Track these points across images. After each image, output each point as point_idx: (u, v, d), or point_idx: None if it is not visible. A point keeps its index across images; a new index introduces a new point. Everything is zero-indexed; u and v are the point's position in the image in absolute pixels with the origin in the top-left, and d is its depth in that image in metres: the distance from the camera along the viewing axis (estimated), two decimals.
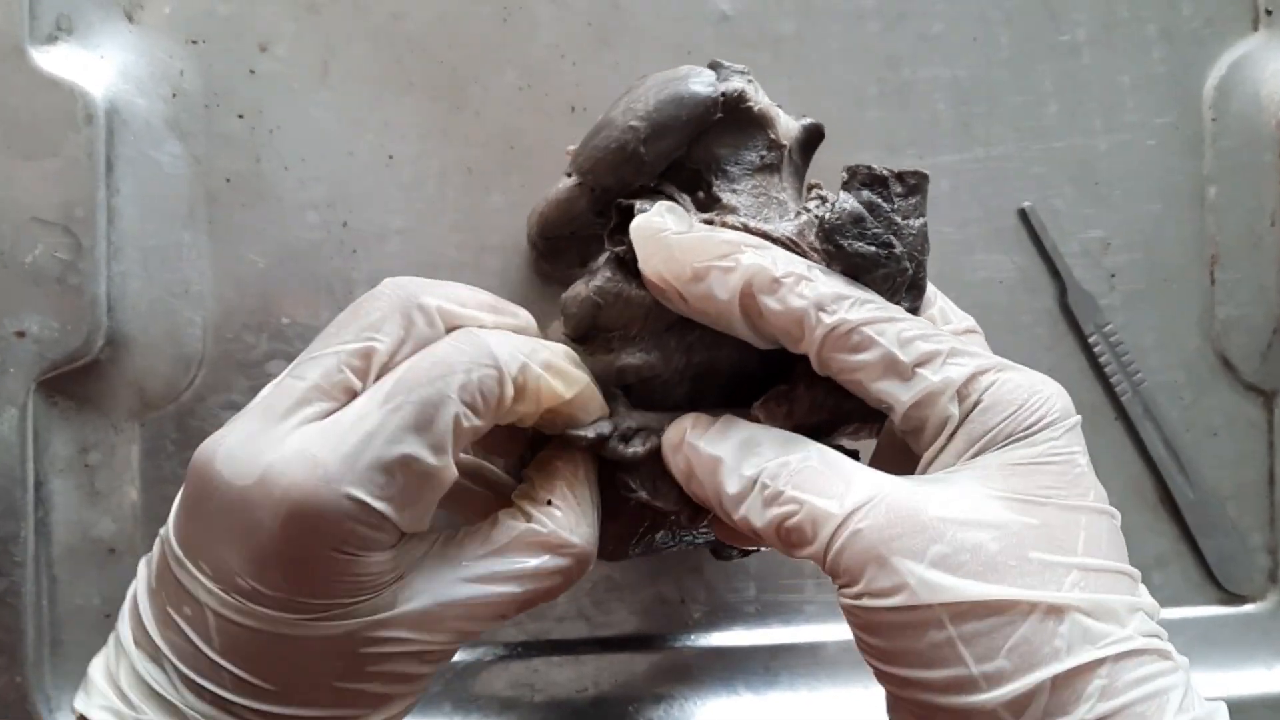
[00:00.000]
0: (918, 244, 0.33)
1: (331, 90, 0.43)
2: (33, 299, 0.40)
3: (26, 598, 0.41)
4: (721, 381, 0.35)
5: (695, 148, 0.35)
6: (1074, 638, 0.27)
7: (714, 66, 0.36)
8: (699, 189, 0.36)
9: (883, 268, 0.32)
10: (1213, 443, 0.48)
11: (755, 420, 0.33)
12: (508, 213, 0.44)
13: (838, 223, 0.32)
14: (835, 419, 0.34)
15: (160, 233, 0.42)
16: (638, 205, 0.34)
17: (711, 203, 0.35)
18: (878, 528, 0.28)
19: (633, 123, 0.34)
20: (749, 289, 0.31)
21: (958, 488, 0.29)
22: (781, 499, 0.30)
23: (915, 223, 0.33)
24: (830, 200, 0.32)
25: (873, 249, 0.32)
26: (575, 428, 0.33)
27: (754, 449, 0.31)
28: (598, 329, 0.35)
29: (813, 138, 0.37)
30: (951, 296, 0.36)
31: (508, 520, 0.32)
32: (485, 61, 0.44)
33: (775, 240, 0.32)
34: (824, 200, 0.33)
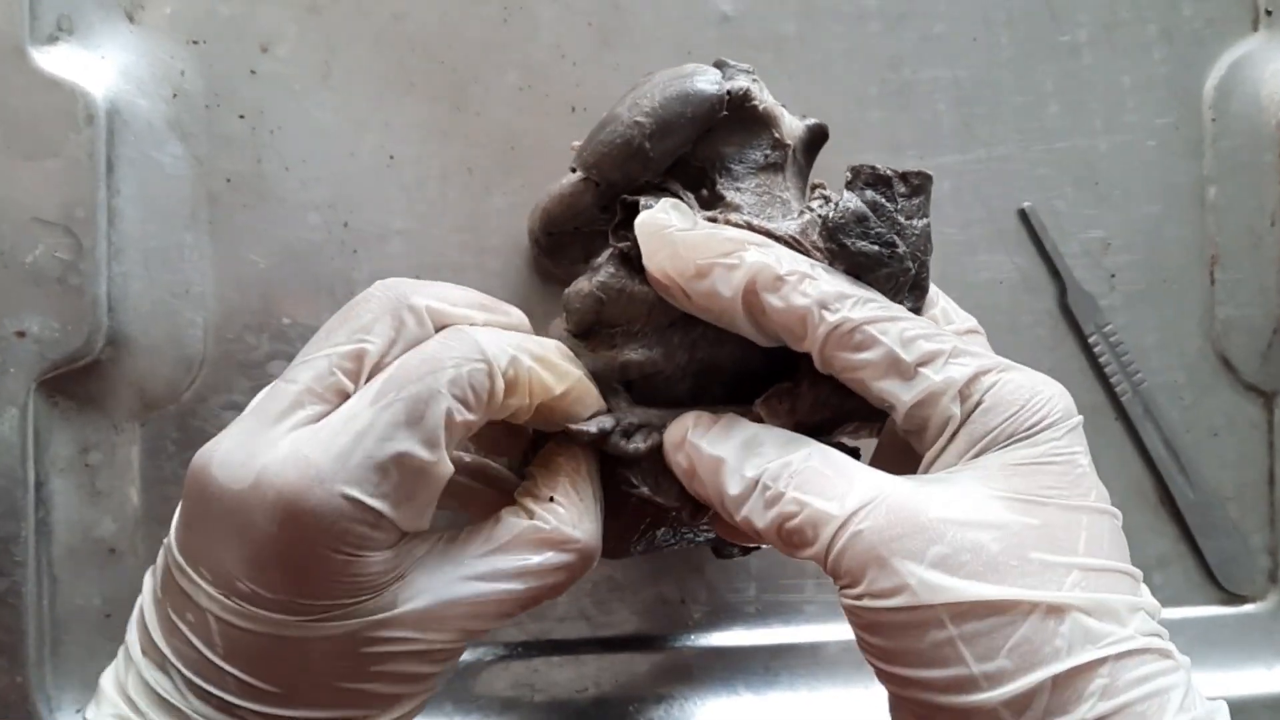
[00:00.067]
0: (921, 244, 0.33)
1: (333, 91, 0.43)
2: (33, 299, 0.40)
3: (27, 598, 0.41)
4: (724, 378, 0.35)
5: (700, 145, 0.35)
6: (1075, 637, 0.27)
7: (720, 65, 0.36)
8: (703, 186, 0.36)
9: (886, 267, 0.32)
10: (1213, 443, 0.49)
11: (757, 417, 0.33)
12: (509, 213, 0.44)
13: (841, 222, 0.32)
14: (837, 417, 0.34)
15: (161, 233, 0.42)
16: (642, 201, 0.34)
17: (716, 200, 0.35)
18: (878, 529, 0.28)
19: (638, 119, 0.34)
20: (752, 286, 0.31)
21: (959, 488, 0.29)
22: (783, 500, 0.30)
23: (918, 223, 0.33)
24: (834, 199, 0.32)
25: (876, 248, 0.32)
26: (574, 423, 0.33)
27: (756, 449, 0.31)
28: (600, 325, 0.35)
29: (817, 138, 0.37)
30: (953, 297, 0.36)
31: (510, 517, 0.32)
32: (486, 62, 0.44)
33: (779, 239, 0.32)
34: (827, 199, 0.33)
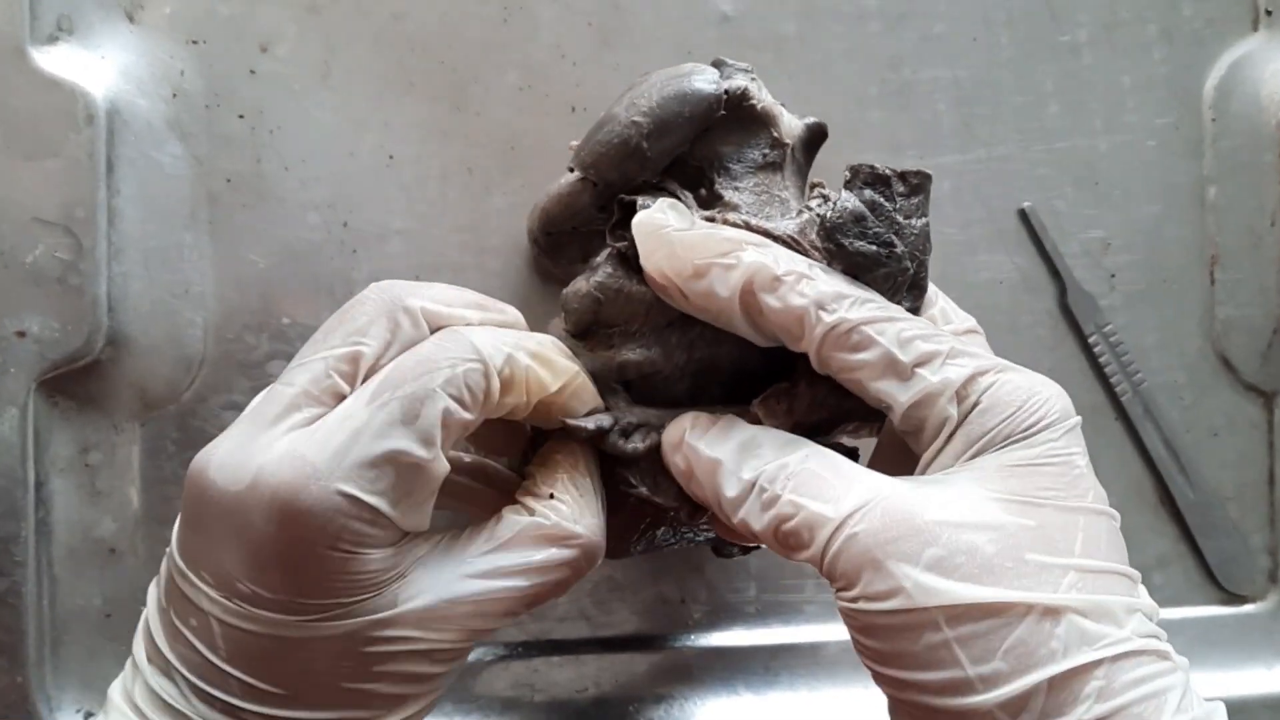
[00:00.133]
0: (919, 244, 0.33)
1: (332, 91, 0.43)
2: (33, 299, 0.40)
3: (27, 598, 0.41)
4: (722, 378, 0.35)
5: (698, 145, 0.35)
6: (1071, 639, 0.27)
7: (718, 64, 0.36)
8: (701, 186, 0.35)
9: (884, 267, 0.32)
10: (1213, 443, 0.48)
11: (755, 417, 0.33)
12: (508, 213, 0.44)
13: (839, 221, 0.32)
14: (835, 417, 0.34)
15: (161, 233, 0.42)
16: (640, 201, 0.34)
17: (714, 200, 0.35)
18: (873, 531, 0.28)
19: (636, 118, 0.34)
20: (750, 286, 0.31)
21: (955, 489, 0.29)
22: (779, 503, 0.30)
23: (917, 222, 0.33)
24: (832, 199, 0.32)
25: (874, 248, 0.32)
26: (572, 419, 0.33)
27: (753, 451, 0.31)
28: (598, 324, 0.35)
29: (816, 137, 0.37)
30: (952, 297, 0.36)
31: (511, 515, 0.32)
32: (486, 62, 0.44)
33: (777, 238, 0.32)
34: (826, 199, 0.33)
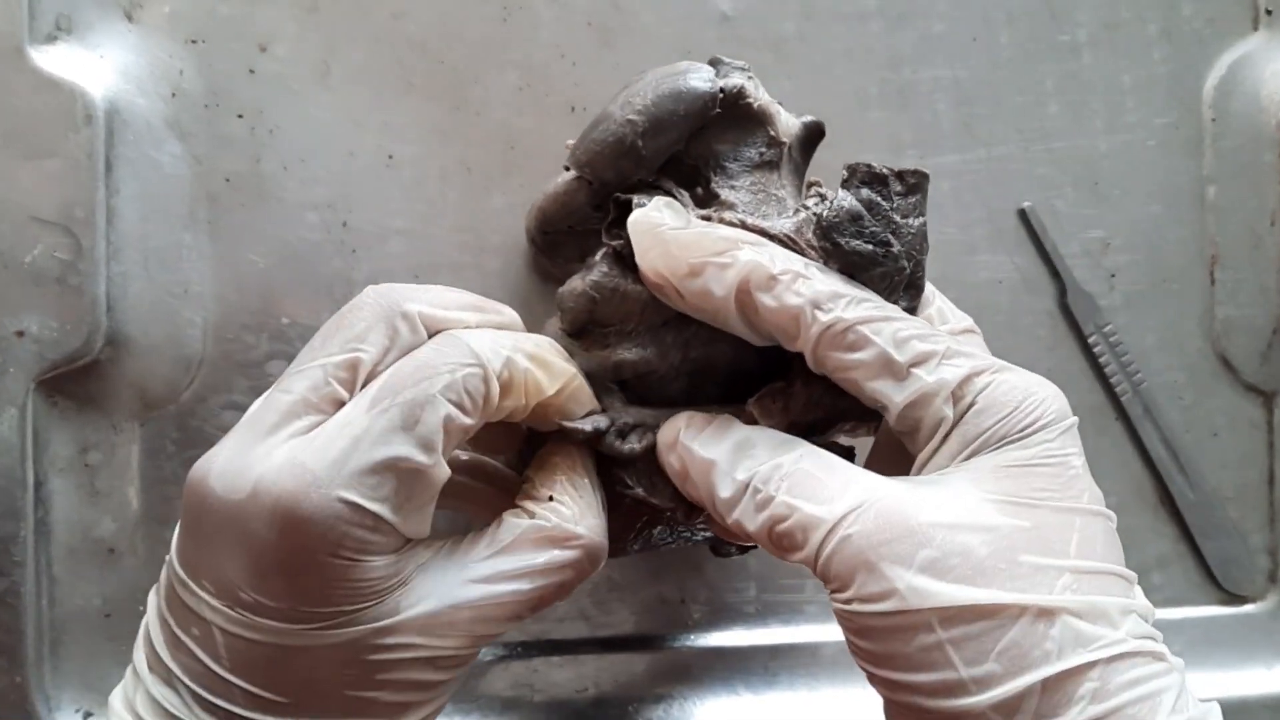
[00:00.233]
0: (916, 243, 0.33)
1: (331, 90, 0.43)
2: (32, 299, 0.40)
3: (26, 598, 0.41)
4: (718, 378, 0.35)
5: (694, 143, 0.35)
6: (1065, 640, 0.27)
7: (714, 63, 0.36)
8: (698, 185, 0.35)
9: (880, 266, 0.32)
10: (1213, 443, 0.48)
11: (750, 417, 0.33)
12: (508, 213, 0.44)
13: (835, 220, 0.32)
14: (832, 417, 0.34)
15: (160, 233, 0.42)
16: (635, 200, 0.34)
17: (710, 199, 0.35)
18: (867, 533, 0.28)
19: (631, 117, 0.34)
20: (745, 286, 0.31)
21: (950, 490, 0.29)
22: (773, 504, 0.30)
23: (914, 222, 0.32)
24: (829, 198, 0.32)
25: (870, 247, 0.32)
26: (569, 420, 0.33)
27: (747, 452, 0.31)
28: (594, 324, 0.35)
29: (813, 135, 0.37)
30: (952, 296, 0.36)
31: (511, 519, 0.32)
32: (485, 61, 0.44)
33: (773, 237, 0.32)
34: (823, 198, 0.33)
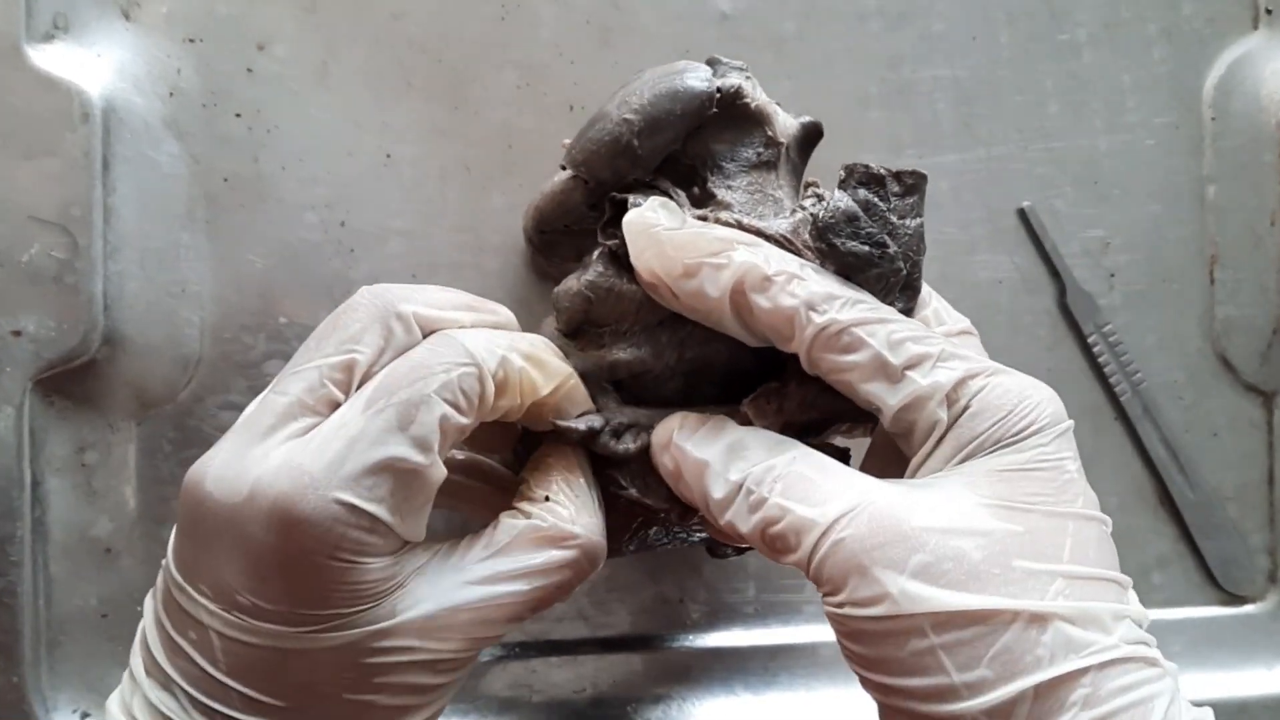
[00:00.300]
0: (913, 244, 0.32)
1: (330, 90, 0.43)
2: (29, 298, 0.40)
3: (23, 597, 0.41)
4: (714, 378, 0.35)
5: (691, 143, 0.35)
6: (1057, 646, 0.26)
7: (712, 63, 0.36)
8: (694, 184, 0.35)
9: (876, 267, 0.32)
10: (1213, 443, 0.48)
11: (745, 417, 0.33)
12: (507, 212, 0.43)
13: (831, 221, 0.32)
14: (827, 418, 0.34)
15: (158, 232, 0.42)
16: (631, 199, 0.34)
17: (706, 199, 0.35)
18: (860, 537, 0.28)
19: (627, 116, 0.34)
20: (740, 286, 0.31)
21: (944, 494, 0.29)
22: (766, 505, 0.30)
23: (911, 223, 0.32)
24: (826, 198, 0.32)
25: (866, 248, 0.31)
26: (563, 419, 0.33)
27: (741, 453, 0.31)
28: (589, 324, 0.35)
29: (811, 136, 0.37)
30: (952, 296, 0.36)
31: (508, 521, 0.32)
32: (484, 61, 0.44)
33: (769, 237, 0.32)
34: (820, 198, 0.33)
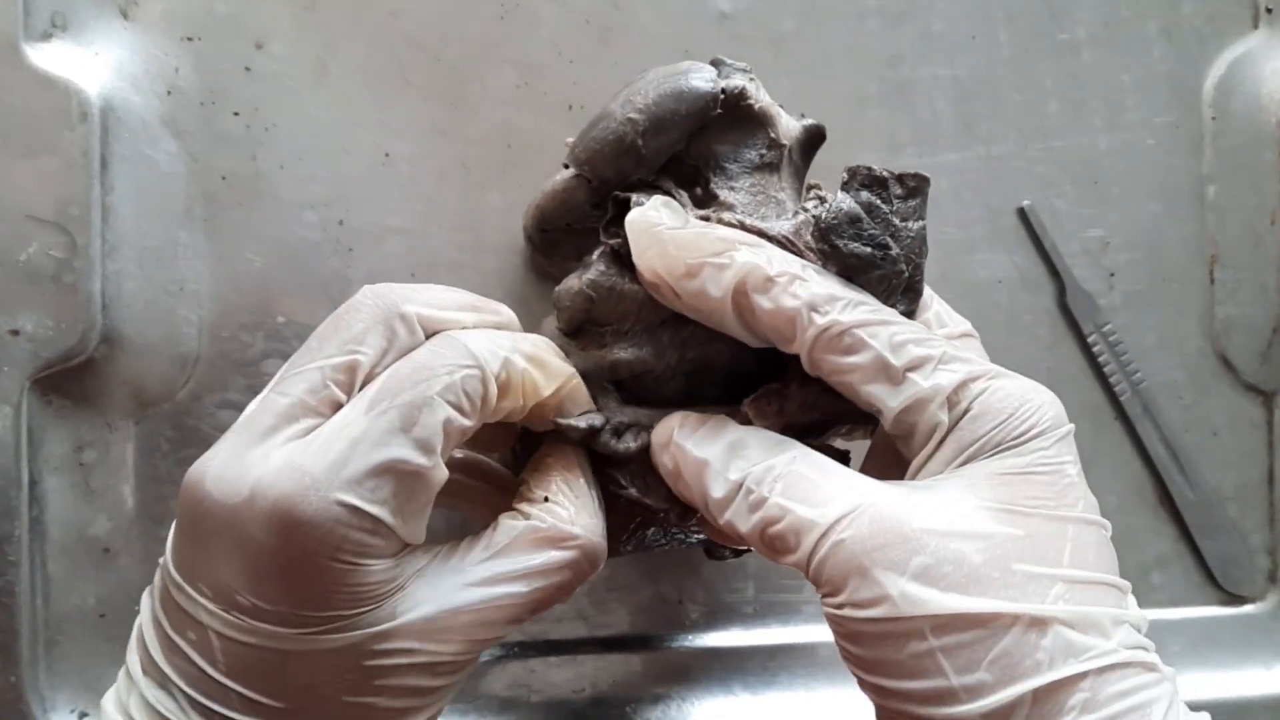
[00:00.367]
0: (915, 246, 0.32)
1: (328, 88, 0.43)
2: (27, 297, 0.40)
3: (21, 597, 0.41)
4: (715, 378, 0.35)
5: (694, 143, 0.35)
6: (1056, 650, 0.26)
7: (716, 63, 0.36)
8: (697, 185, 0.35)
9: (878, 269, 0.32)
10: (1213, 443, 0.48)
11: (746, 418, 0.33)
12: (506, 211, 0.43)
13: (834, 222, 0.32)
14: (828, 419, 0.34)
15: (156, 231, 0.42)
16: (633, 199, 0.34)
17: (709, 199, 0.35)
18: (860, 538, 0.28)
19: (632, 115, 0.34)
20: (742, 287, 0.31)
21: (944, 496, 0.29)
22: (765, 505, 0.30)
23: (913, 225, 0.32)
24: (828, 200, 0.32)
25: (868, 250, 0.31)
26: (564, 418, 0.33)
27: (741, 452, 0.31)
28: (591, 323, 0.35)
29: (814, 138, 0.37)
30: (952, 296, 0.35)
31: (507, 522, 0.32)
32: (483, 59, 0.44)
33: (771, 239, 0.32)
34: (822, 200, 0.33)
